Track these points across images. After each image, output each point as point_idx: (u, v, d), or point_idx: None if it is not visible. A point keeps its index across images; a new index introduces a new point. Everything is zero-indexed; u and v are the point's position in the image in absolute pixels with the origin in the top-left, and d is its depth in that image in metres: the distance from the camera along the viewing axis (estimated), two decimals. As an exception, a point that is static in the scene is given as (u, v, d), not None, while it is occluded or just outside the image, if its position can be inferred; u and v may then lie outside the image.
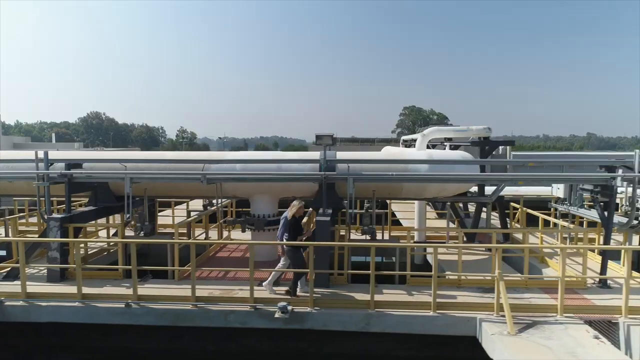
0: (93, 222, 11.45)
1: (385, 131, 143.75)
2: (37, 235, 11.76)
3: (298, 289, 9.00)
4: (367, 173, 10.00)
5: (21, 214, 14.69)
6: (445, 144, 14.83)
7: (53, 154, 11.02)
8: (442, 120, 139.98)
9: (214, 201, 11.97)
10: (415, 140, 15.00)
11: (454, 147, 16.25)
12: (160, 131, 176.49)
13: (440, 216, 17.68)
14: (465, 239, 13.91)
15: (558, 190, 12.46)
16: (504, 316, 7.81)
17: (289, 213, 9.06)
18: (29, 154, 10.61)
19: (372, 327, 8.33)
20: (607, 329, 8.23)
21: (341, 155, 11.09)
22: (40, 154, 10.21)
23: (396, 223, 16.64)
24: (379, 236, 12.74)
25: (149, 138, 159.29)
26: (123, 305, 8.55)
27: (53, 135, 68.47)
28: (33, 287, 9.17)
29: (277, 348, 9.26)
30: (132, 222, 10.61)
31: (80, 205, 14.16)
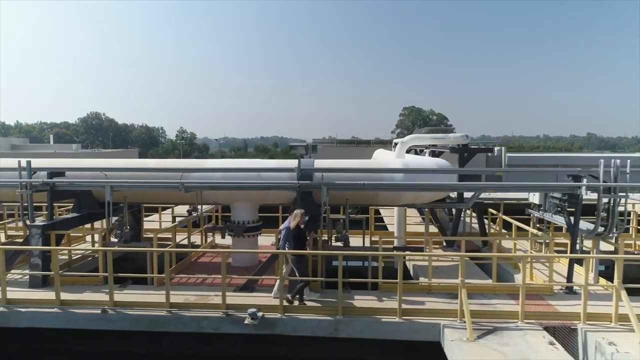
0: (76, 228, 11.70)
1: (385, 131, 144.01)
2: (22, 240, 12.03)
3: (301, 296, 9.22)
4: (340, 182, 10.25)
5: (11, 219, 14.98)
6: (425, 150, 15.05)
7: (37, 162, 11.32)
8: (441, 120, 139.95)
9: (198, 207, 12.24)
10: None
11: (438, 154, 16.53)
12: (161, 131, 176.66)
13: (424, 220, 17.89)
14: (444, 244, 14.21)
15: (534, 196, 12.71)
16: (464, 322, 8.09)
17: (291, 223, 9.24)
18: (13, 162, 10.89)
19: (340, 332, 8.60)
20: (567, 335, 8.50)
21: (319, 163, 11.37)
22: (24, 163, 10.48)
23: (384, 228, 16.94)
24: (360, 242, 13.05)
25: (149, 138, 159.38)
26: (99, 311, 8.82)
27: (51, 137, 68.63)
28: (14, 293, 9.45)
29: (254, 352, 9.53)
30: (113, 229, 10.85)
31: (68, 211, 14.44)
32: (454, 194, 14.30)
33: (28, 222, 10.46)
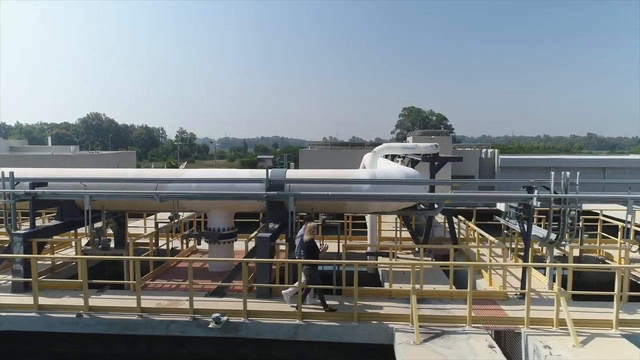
0: (57, 235, 12.25)
1: (386, 132, 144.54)
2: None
3: (307, 300, 9.78)
4: (305, 192, 10.78)
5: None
6: (398, 159, 15.56)
7: (20, 172, 11.90)
8: (441, 120, 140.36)
9: (180, 214, 12.81)
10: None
11: (415, 162, 17.04)
12: (161, 132, 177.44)
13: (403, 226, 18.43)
14: (417, 249, 14.73)
15: (501, 204, 13.27)
16: (422, 326, 8.66)
17: (306, 236, 9.77)
18: (-3, 172, 11.45)
19: (299, 336, 9.14)
20: (514, 338, 9.05)
21: (290, 173, 11.95)
22: (7, 174, 11.04)
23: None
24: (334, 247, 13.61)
25: (149, 139, 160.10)
26: (75, 316, 9.38)
27: (49, 138, 69.25)
28: (-4, 298, 10.01)
29: (223, 354, 10.07)
30: (91, 237, 11.39)
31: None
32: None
33: (11, 231, 11.01)
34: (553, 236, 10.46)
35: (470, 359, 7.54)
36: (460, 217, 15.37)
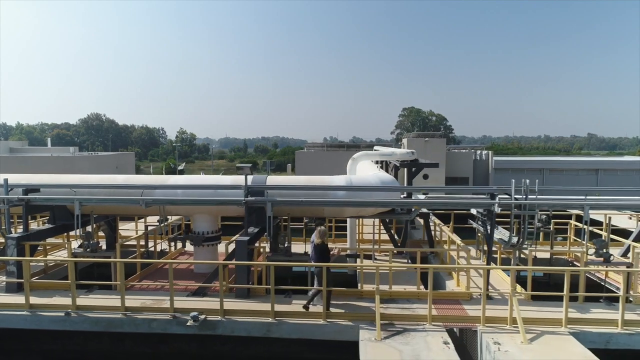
0: (50, 238, 12.92)
1: (386, 132, 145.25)
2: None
3: (314, 303, 10.32)
4: (281, 199, 11.45)
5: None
6: (378, 165, 16.19)
7: (15, 177, 12.58)
8: (440, 121, 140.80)
9: (169, 217, 13.49)
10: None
11: (398, 167, 17.68)
12: (161, 132, 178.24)
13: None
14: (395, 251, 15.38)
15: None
16: (382, 324, 9.30)
17: (317, 240, 10.37)
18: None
19: (272, 333, 9.80)
20: (472, 336, 9.69)
21: (270, 180, 12.58)
22: (1, 180, 11.71)
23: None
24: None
25: (149, 139, 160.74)
26: (63, 314, 10.04)
27: (49, 140, 70.01)
28: (-9, 298, 10.69)
29: (203, 351, 10.71)
30: (80, 240, 12.06)
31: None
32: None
33: (5, 234, 11.68)
34: (515, 240, 11.12)
35: (423, 355, 8.17)
36: (436, 220, 16.01)
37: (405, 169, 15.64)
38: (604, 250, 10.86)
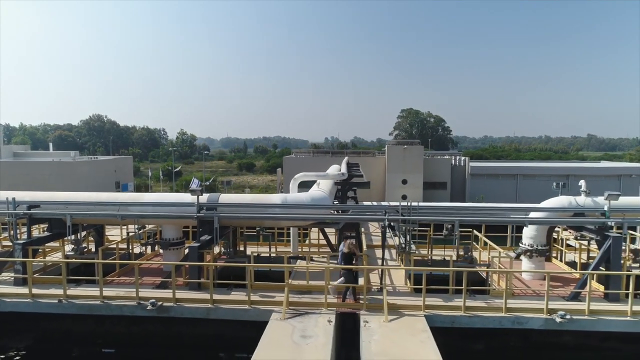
0: (48, 243, 16.41)
1: (387, 132, 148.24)
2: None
3: (348, 295, 13.49)
4: (224, 214, 14.87)
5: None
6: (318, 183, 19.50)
7: (21, 195, 16.04)
8: (439, 122, 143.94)
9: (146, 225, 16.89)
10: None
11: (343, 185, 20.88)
12: (162, 133, 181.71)
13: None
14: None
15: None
16: (290, 309, 12.71)
17: (345, 249, 13.49)
18: (2, 195, 15.60)
19: (210, 315, 13.21)
20: (358, 318, 13.04)
21: (223, 198, 15.97)
22: (11, 198, 15.19)
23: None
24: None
25: (150, 140, 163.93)
26: (57, 301, 13.50)
27: (50, 144, 73.68)
28: (3, 289, 14.19)
29: (166, 331, 14.10)
30: (72, 245, 15.54)
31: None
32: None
33: (13, 240, 15.17)
34: (403, 246, 14.51)
35: (309, 330, 11.56)
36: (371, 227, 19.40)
37: (339, 186, 19.02)
38: (468, 254, 14.25)
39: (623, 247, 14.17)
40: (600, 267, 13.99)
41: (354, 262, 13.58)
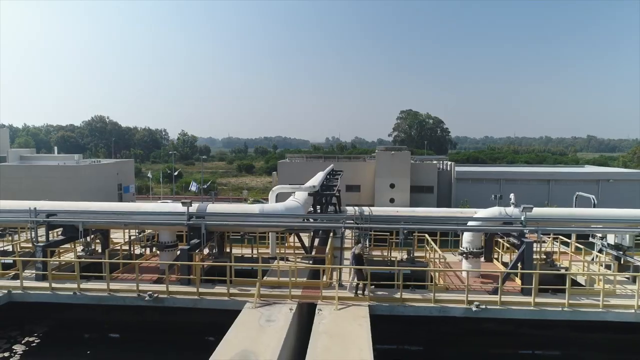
0: (63, 245, 19.50)
1: (385, 133, 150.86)
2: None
3: (360, 291, 16.18)
4: (210, 222, 17.90)
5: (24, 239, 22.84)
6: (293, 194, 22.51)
7: (41, 204, 19.11)
8: (437, 123, 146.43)
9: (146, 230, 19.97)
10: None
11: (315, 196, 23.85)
12: (163, 133, 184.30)
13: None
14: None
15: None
16: (261, 300, 15.74)
17: (357, 251, 16.32)
18: (25, 205, 18.68)
19: (197, 305, 16.24)
20: (314, 307, 16.04)
21: (210, 207, 19.01)
22: (33, 207, 18.26)
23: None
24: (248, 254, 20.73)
25: (151, 141, 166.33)
26: (72, 293, 16.56)
27: (55, 148, 76.68)
28: (27, 283, 17.27)
29: (163, 318, 17.11)
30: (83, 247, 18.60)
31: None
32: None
33: (34, 243, 18.24)
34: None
35: (273, 315, 14.55)
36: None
37: (313, 197, 22.05)
38: (410, 255, 17.28)
39: (536, 250, 17.17)
40: (518, 267, 16.98)
41: (364, 262, 16.24)
